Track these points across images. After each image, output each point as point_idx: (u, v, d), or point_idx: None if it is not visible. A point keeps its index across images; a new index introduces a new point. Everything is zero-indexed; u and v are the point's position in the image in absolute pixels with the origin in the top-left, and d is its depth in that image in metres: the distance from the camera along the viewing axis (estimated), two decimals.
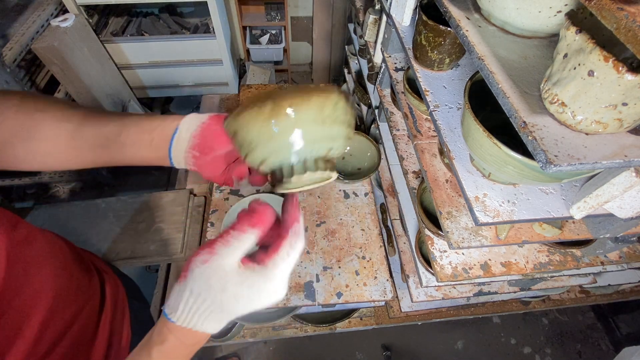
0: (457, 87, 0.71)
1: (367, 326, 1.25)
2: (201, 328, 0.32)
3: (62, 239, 0.54)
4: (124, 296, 0.62)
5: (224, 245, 0.31)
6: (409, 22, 0.81)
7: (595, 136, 0.37)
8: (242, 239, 0.31)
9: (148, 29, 1.90)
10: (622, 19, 0.28)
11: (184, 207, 1.32)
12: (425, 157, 0.72)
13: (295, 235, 0.33)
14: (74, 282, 0.48)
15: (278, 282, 0.32)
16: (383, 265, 1.03)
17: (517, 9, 0.46)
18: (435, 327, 1.55)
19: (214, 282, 0.30)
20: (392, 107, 1.00)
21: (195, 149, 0.38)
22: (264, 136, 0.31)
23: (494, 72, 0.44)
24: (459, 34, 0.52)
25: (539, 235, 0.62)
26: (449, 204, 0.65)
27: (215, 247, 0.31)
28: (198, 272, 0.30)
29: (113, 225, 1.26)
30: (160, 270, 1.42)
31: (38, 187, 1.87)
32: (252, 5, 2.19)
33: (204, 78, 2.07)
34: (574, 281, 0.96)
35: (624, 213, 0.49)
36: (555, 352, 1.55)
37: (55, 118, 0.39)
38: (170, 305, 0.32)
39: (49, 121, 0.39)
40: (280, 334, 1.25)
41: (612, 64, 0.30)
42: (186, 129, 0.38)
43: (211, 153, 0.38)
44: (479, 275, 0.70)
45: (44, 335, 0.40)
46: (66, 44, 1.43)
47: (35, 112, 0.39)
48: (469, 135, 0.53)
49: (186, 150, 0.38)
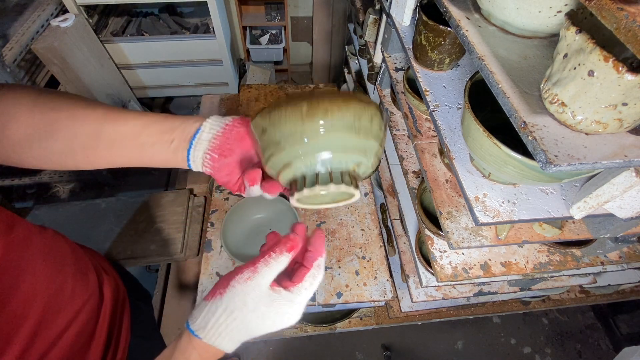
0: (457, 87, 0.71)
1: (367, 326, 1.25)
2: (221, 346, 0.33)
3: (63, 237, 0.53)
4: (124, 297, 0.61)
5: (265, 265, 0.32)
6: (409, 22, 0.81)
7: (595, 136, 0.37)
8: (280, 261, 0.33)
9: (148, 29, 1.90)
10: (622, 19, 0.28)
11: (184, 207, 1.32)
12: (425, 157, 0.72)
13: (318, 269, 0.35)
14: (70, 286, 0.46)
15: (297, 308, 0.35)
16: (383, 265, 1.03)
17: (517, 8, 0.46)
18: (435, 327, 1.55)
19: (249, 300, 0.32)
20: (392, 107, 1.00)
21: (215, 151, 0.37)
22: (295, 137, 0.30)
23: (494, 72, 0.44)
24: (459, 34, 0.52)
25: (539, 235, 0.62)
26: (449, 204, 0.65)
27: (257, 266, 0.32)
28: (240, 289, 0.32)
29: (113, 225, 1.26)
30: (160, 270, 1.42)
31: (38, 187, 1.87)
32: (252, 5, 2.19)
33: (204, 78, 2.07)
34: (574, 281, 0.96)
35: (624, 213, 0.49)
36: (555, 352, 1.55)
37: (71, 117, 0.38)
38: (199, 322, 0.33)
39: (64, 121, 0.37)
40: (280, 334, 1.25)
41: (612, 64, 0.30)
42: (209, 129, 0.38)
43: (230, 156, 0.37)
44: (479, 275, 0.70)
45: (35, 343, 0.39)
46: (66, 44, 1.43)
47: (50, 111, 0.37)
48: (469, 135, 0.53)
49: (205, 151, 0.37)
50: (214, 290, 0.33)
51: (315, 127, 0.29)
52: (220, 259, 1.03)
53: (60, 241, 0.51)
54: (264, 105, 1.70)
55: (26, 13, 1.48)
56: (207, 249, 1.05)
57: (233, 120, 0.38)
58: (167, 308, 1.33)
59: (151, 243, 1.23)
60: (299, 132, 0.29)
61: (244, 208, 1.10)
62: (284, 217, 1.10)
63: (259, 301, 0.32)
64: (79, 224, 1.25)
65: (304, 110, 0.29)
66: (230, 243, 1.02)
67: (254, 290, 0.32)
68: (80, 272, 0.51)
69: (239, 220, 1.08)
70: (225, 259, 1.03)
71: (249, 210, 1.10)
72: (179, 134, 0.38)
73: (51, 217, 1.26)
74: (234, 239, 1.04)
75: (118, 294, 0.59)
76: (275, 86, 1.63)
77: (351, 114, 0.30)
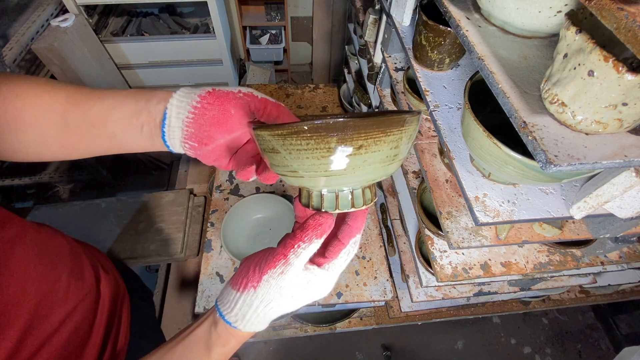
0: (457, 87, 0.71)
1: (367, 326, 1.25)
2: (257, 329, 0.33)
3: (61, 235, 0.52)
4: (123, 297, 0.60)
5: (296, 257, 0.31)
6: (409, 22, 0.81)
7: (595, 136, 0.37)
8: (310, 249, 0.31)
9: (148, 29, 1.90)
10: (622, 19, 0.28)
11: (184, 207, 1.32)
12: (425, 157, 0.72)
13: (355, 245, 0.33)
14: (64, 285, 0.45)
15: (331, 281, 0.34)
16: (383, 265, 1.03)
17: (517, 8, 0.46)
18: (435, 327, 1.55)
19: (285, 290, 0.32)
20: (392, 107, 1.00)
21: (192, 139, 0.33)
22: (318, 172, 0.26)
23: (494, 72, 0.44)
24: (459, 34, 0.52)
25: (539, 235, 0.62)
26: (449, 204, 0.65)
27: (289, 259, 0.31)
28: (274, 283, 0.31)
29: (113, 225, 1.26)
30: (160, 270, 1.42)
31: (38, 187, 1.87)
32: (252, 5, 2.19)
33: (204, 78, 2.07)
34: (574, 281, 0.96)
35: (624, 213, 0.49)
36: (555, 352, 1.55)
37: (36, 105, 0.34)
38: (235, 313, 0.32)
39: (30, 110, 0.34)
40: (280, 334, 1.25)
41: (612, 64, 0.30)
42: (176, 115, 0.33)
43: (211, 143, 0.33)
44: (479, 275, 0.70)
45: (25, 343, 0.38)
46: (66, 44, 1.43)
47: (15, 100, 0.34)
48: (469, 135, 0.53)
49: (182, 140, 0.33)
50: (244, 280, 0.32)
51: (344, 165, 0.25)
52: (220, 258, 1.03)
53: (58, 239, 0.50)
54: None
55: (26, 13, 1.48)
56: (207, 249, 1.05)
57: (201, 99, 0.32)
58: (167, 308, 1.33)
59: (151, 243, 1.23)
60: (324, 169, 0.25)
61: (244, 208, 1.10)
62: (284, 216, 1.10)
63: (295, 288, 0.32)
64: (78, 224, 1.25)
65: (332, 147, 0.24)
66: (230, 243, 1.02)
67: (289, 282, 0.31)
68: (76, 271, 0.50)
69: (239, 220, 1.08)
70: (225, 259, 1.03)
71: (249, 210, 1.10)
72: (146, 119, 0.33)
73: (51, 217, 1.26)
74: (234, 239, 1.04)
75: (117, 293, 0.58)
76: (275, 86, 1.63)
77: (388, 146, 0.25)
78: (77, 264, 0.51)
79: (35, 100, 0.35)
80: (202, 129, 0.33)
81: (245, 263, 0.34)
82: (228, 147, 0.35)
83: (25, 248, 0.41)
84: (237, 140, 0.35)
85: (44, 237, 0.46)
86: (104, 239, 1.22)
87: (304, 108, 1.57)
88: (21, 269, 0.39)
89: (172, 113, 0.33)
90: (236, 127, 0.34)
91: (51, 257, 0.46)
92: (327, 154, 0.24)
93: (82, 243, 0.61)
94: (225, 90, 0.34)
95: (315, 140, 0.24)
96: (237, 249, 1.02)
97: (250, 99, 0.34)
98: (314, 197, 0.30)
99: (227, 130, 0.33)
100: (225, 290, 0.34)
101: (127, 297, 0.62)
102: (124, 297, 0.60)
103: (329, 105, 1.59)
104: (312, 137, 0.24)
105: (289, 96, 1.61)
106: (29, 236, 0.42)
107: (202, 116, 0.32)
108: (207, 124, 0.33)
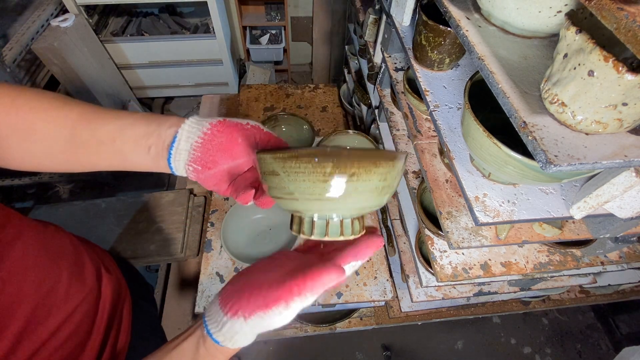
0: (457, 87, 0.71)
1: (367, 326, 1.25)
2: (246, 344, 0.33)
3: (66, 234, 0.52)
4: (125, 297, 0.60)
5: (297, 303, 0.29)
6: (409, 22, 0.81)
7: (595, 136, 0.37)
8: (313, 298, 0.30)
9: (148, 29, 1.90)
10: (622, 19, 0.28)
11: (184, 207, 1.32)
12: (425, 157, 0.72)
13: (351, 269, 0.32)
14: (64, 286, 0.45)
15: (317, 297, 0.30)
16: (383, 265, 1.03)
17: (517, 8, 0.46)
18: (435, 327, 1.55)
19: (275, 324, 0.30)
20: (392, 107, 1.00)
21: (196, 162, 0.35)
22: (313, 196, 0.28)
23: (494, 72, 0.44)
24: (459, 34, 0.52)
25: (539, 235, 0.62)
26: (449, 204, 0.65)
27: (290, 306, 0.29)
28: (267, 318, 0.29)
29: (113, 225, 1.26)
30: (160, 270, 1.42)
31: (38, 187, 1.87)
32: (252, 5, 2.19)
33: (204, 78, 2.08)
34: (574, 281, 0.96)
35: (624, 213, 0.49)
36: (555, 352, 1.55)
37: (48, 120, 0.36)
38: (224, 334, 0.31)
39: (42, 123, 0.36)
40: (280, 334, 1.25)
41: (612, 64, 0.30)
42: (185, 138, 0.35)
43: (215, 167, 0.35)
44: (479, 275, 0.70)
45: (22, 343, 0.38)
46: (66, 44, 1.43)
47: (28, 112, 0.36)
48: (469, 135, 0.53)
49: (187, 163, 0.35)
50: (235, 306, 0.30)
51: (337, 190, 0.28)
52: (220, 259, 1.03)
53: (61, 239, 0.50)
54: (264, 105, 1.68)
55: (26, 13, 1.48)
56: (207, 249, 1.05)
57: (211, 126, 0.35)
58: (167, 308, 1.33)
59: (151, 243, 1.23)
60: (318, 193, 0.28)
61: (244, 208, 1.10)
62: (285, 217, 1.10)
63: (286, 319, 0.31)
64: (79, 224, 1.25)
65: (328, 172, 0.27)
66: (230, 243, 1.02)
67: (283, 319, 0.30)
68: (78, 271, 0.50)
69: (239, 220, 1.08)
70: (225, 259, 1.03)
71: (249, 210, 1.10)
72: (155, 141, 0.35)
73: (51, 217, 1.26)
74: (234, 239, 1.04)
75: (119, 293, 0.58)
76: (275, 86, 1.63)
77: (378, 177, 0.28)
78: (79, 265, 0.51)
79: (48, 114, 0.36)
80: (208, 153, 0.35)
81: (239, 282, 0.32)
82: (229, 173, 0.37)
83: (24, 249, 0.41)
84: (239, 167, 0.38)
85: (47, 238, 0.46)
86: (104, 239, 1.22)
87: (303, 108, 1.57)
88: (19, 272, 0.39)
89: (182, 137, 0.35)
90: (240, 154, 0.36)
91: (52, 258, 0.45)
92: (322, 177, 0.27)
93: (86, 241, 0.60)
94: (235, 121, 0.36)
95: (312, 165, 0.27)
96: (237, 249, 1.02)
97: (256, 131, 0.37)
98: (305, 223, 0.31)
99: (232, 157, 0.36)
100: (214, 306, 0.32)
101: (128, 297, 0.61)
102: (125, 297, 0.60)
103: (329, 105, 1.59)
104: (310, 161, 0.27)
105: (289, 96, 1.60)
106: (29, 237, 0.42)
107: (210, 142, 0.35)
108: (214, 149, 0.35)
